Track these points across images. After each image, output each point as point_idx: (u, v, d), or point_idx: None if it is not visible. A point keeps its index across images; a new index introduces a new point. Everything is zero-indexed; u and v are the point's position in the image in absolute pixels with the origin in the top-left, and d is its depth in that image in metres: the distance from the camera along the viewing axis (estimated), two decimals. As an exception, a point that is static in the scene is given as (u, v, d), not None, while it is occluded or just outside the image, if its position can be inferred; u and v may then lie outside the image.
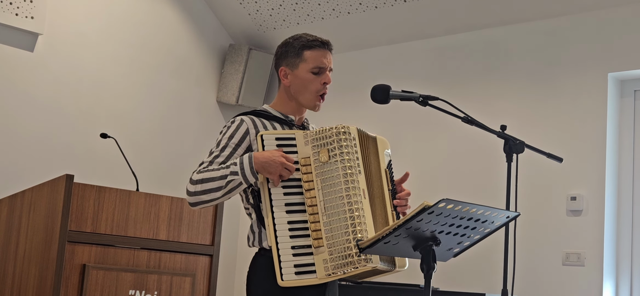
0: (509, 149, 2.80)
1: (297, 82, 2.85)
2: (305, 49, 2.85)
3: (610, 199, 4.77)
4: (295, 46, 2.86)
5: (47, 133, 5.34)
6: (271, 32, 6.22)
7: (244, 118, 2.81)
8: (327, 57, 2.86)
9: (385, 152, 2.88)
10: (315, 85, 2.84)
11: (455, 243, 2.50)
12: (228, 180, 2.67)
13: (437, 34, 5.60)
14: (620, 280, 4.78)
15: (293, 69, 2.86)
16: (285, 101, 2.90)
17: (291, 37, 2.91)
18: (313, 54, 2.84)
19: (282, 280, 2.60)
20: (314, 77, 2.84)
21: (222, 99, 6.31)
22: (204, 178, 2.69)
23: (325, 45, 2.87)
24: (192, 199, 2.72)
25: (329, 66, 2.87)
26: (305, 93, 2.85)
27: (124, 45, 5.79)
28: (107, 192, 3.78)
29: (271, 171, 2.66)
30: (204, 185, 2.69)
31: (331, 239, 2.62)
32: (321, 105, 2.89)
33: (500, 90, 5.27)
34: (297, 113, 2.91)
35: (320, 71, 2.84)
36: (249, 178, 2.67)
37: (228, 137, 2.78)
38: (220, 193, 2.69)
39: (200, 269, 4.05)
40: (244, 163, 2.68)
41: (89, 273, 3.66)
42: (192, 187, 2.70)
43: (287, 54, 2.88)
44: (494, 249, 4.05)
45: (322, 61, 2.84)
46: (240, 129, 2.79)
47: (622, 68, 4.81)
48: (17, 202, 4.00)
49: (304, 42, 2.85)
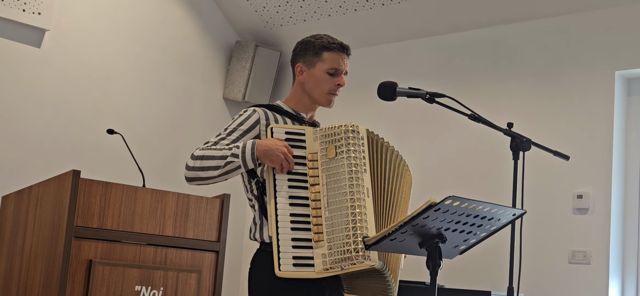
0: (515, 147, 2.80)
1: (311, 79, 2.90)
2: (325, 50, 2.89)
3: (616, 197, 4.77)
4: (316, 45, 2.90)
5: (53, 129, 5.35)
6: (278, 28, 6.22)
7: (257, 109, 2.85)
8: (344, 60, 2.91)
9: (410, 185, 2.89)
10: (328, 84, 2.89)
11: (461, 240, 2.50)
12: (227, 161, 2.69)
13: (443, 32, 5.59)
14: (626, 279, 4.78)
15: (309, 67, 2.90)
16: (298, 98, 2.94)
17: (312, 36, 2.95)
18: (331, 56, 2.89)
19: (280, 270, 2.61)
20: (328, 78, 2.89)
21: (228, 96, 6.32)
22: (205, 156, 2.72)
23: (345, 50, 2.92)
24: (189, 173, 2.74)
25: (344, 69, 2.91)
26: (318, 91, 2.90)
27: (131, 42, 5.80)
28: (113, 188, 3.78)
29: (273, 159, 2.68)
30: (203, 161, 2.71)
31: (332, 234, 2.63)
32: (334, 100, 2.93)
33: (507, 88, 5.27)
34: (309, 111, 2.96)
35: (336, 73, 2.89)
36: (248, 163, 2.69)
37: (238, 123, 2.82)
38: (217, 172, 2.71)
39: (206, 265, 4.05)
40: (246, 148, 2.70)
41: (95, 269, 3.66)
42: (192, 162, 2.73)
43: (306, 51, 2.92)
44: (499, 247, 4.05)
45: (339, 63, 2.89)
46: (251, 118, 2.82)
47: (629, 66, 4.79)
48: (23, 197, 4.00)
49: (325, 43, 2.90)
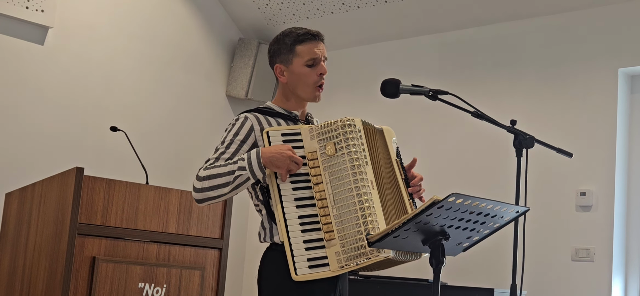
0: (518, 144, 2.80)
1: (293, 77, 2.85)
2: (297, 44, 2.84)
3: (619, 195, 4.76)
4: (287, 42, 2.85)
5: (57, 126, 5.36)
6: (281, 25, 6.22)
7: (248, 116, 2.81)
8: (319, 47, 2.85)
9: (392, 140, 2.89)
10: (311, 77, 2.84)
11: (465, 237, 2.50)
12: (236, 175, 2.66)
13: (446, 29, 5.59)
14: (630, 276, 4.77)
15: (288, 65, 2.85)
16: (286, 97, 2.90)
17: (281, 34, 2.89)
18: (305, 48, 2.83)
19: (296, 275, 2.60)
20: (309, 70, 2.83)
21: (231, 93, 6.32)
22: (211, 175, 2.68)
23: (316, 37, 2.86)
24: (198, 196, 2.70)
25: (322, 56, 2.85)
26: (303, 87, 2.85)
27: (134, 39, 5.80)
28: (117, 185, 3.79)
29: (279, 165, 2.65)
30: (211, 181, 2.67)
31: (342, 231, 2.62)
32: (321, 95, 2.88)
33: (510, 86, 5.26)
34: (299, 108, 2.91)
35: (315, 63, 2.84)
36: (257, 174, 2.66)
37: (233, 133, 2.77)
38: (227, 188, 2.67)
39: (210, 262, 4.05)
40: (252, 158, 2.67)
41: (98, 266, 3.67)
42: (199, 184, 2.68)
43: (279, 51, 2.87)
44: (503, 244, 4.05)
45: (314, 52, 2.83)
46: (245, 126, 2.78)
47: (632, 64, 4.79)
48: (27, 194, 4.01)
49: (295, 37, 2.84)
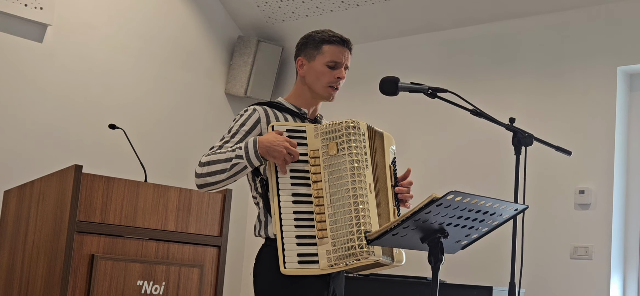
0: (517, 142, 2.80)
1: (311, 72, 2.90)
2: (325, 43, 2.89)
3: (618, 193, 4.77)
4: (316, 39, 2.91)
5: (55, 123, 5.36)
6: (280, 23, 6.22)
7: (257, 108, 2.86)
8: (344, 54, 2.91)
9: (390, 148, 2.93)
10: (328, 77, 2.88)
11: (463, 235, 2.51)
12: (233, 163, 2.72)
13: (446, 27, 5.59)
14: (628, 274, 4.78)
15: (310, 60, 2.90)
16: (300, 92, 2.94)
17: (314, 31, 2.96)
18: (331, 49, 2.89)
19: (285, 268, 2.64)
20: (328, 70, 2.88)
21: (230, 91, 6.32)
22: (211, 161, 2.76)
23: (345, 43, 2.92)
24: (198, 181, 2.79)
25: (345, 63, 2.91)
26: (318, 84, 2.89)
27: (133, 37, 5.80)
28: (115, 183, 3.79)
29: (275, 155, 2.69)
30: (210, 167, 2.75)
31: (335, 231, 2.64)
32: (335, 95, 2.93)
33: (509, 83, 5.26)
34: (311, 106, 2.95)
35: (336, 66, 2.89)
36: (253, 162, 2.71)
37: (240, 124, 2.83)
38: (224, 175, 2.74)
39: (209, 260, 4.05)
40: (249, 147, 2.72)
41: (97, 264, 3.67)
42: (199, 169, 2.77)
43: (307, 45, 2.93)
44: (501, 242, 4.05)
45: (339, 56, 2.89)
46: (252, 117, 2.83)
47: (631, 62, 4.79)
48: (26, 192, 4.01)
49: (325, 36, 2.90)
